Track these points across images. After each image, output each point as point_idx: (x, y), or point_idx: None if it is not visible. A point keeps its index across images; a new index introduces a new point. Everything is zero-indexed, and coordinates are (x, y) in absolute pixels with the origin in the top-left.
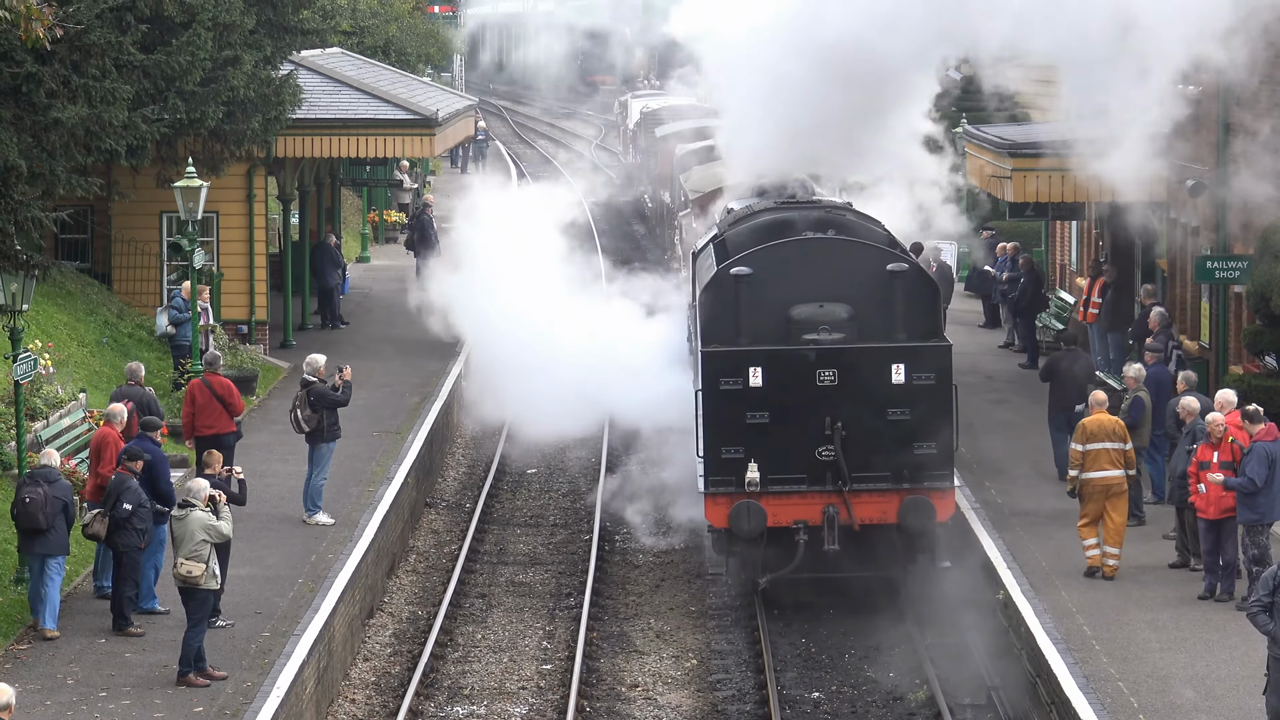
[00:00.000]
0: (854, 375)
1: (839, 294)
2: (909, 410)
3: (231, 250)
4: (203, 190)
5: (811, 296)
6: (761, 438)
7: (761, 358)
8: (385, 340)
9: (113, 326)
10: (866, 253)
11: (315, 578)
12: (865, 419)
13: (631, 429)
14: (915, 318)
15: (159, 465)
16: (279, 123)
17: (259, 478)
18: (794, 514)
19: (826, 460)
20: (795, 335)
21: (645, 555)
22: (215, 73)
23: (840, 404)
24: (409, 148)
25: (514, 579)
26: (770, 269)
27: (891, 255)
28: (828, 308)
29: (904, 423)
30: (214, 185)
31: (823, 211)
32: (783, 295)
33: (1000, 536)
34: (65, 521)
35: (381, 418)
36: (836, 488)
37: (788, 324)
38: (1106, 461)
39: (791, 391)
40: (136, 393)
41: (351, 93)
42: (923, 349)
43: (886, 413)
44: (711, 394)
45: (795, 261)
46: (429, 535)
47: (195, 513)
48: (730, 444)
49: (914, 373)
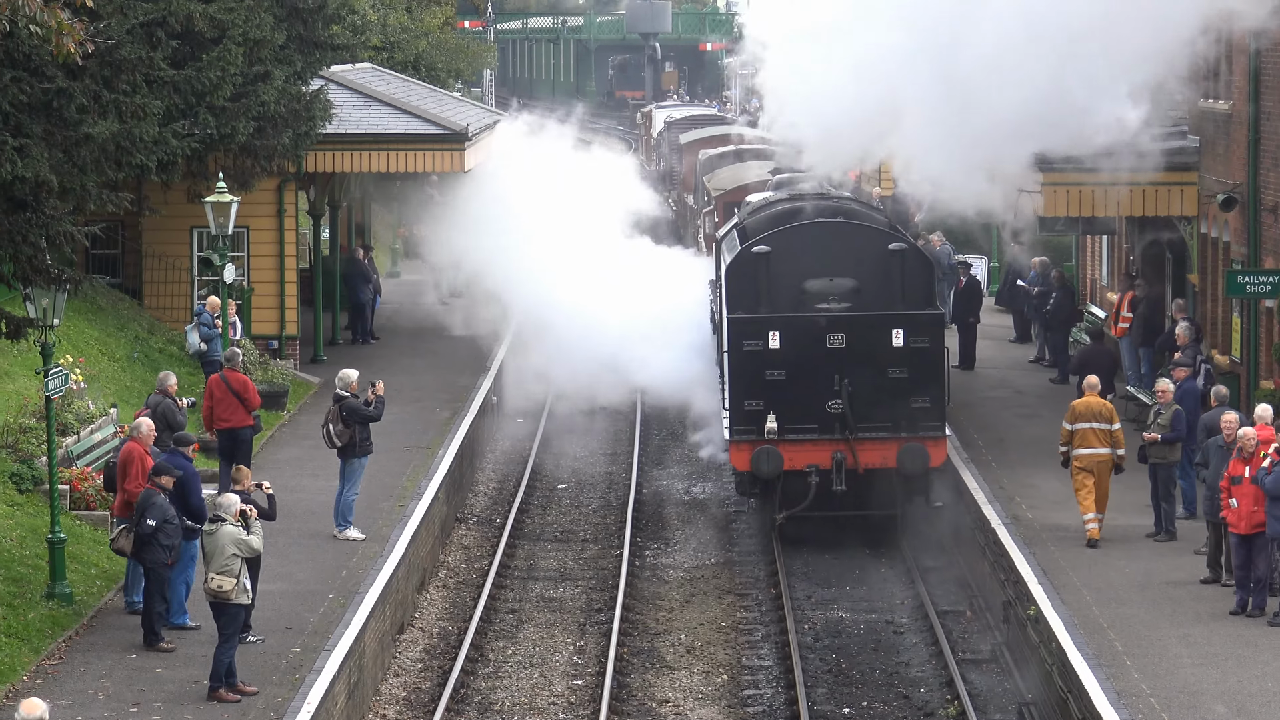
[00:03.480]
0: (859, 339)
1: (846, 269)
2: (906, 369)
3: (262, 265)
4: (233, 205)
5: (823, 272)
6: (779, 392)
7: (779, 323)
8: (416, 355)
9: (143, 341)
10: (870, 234)
11: (346, 593)
12: (868, 377)
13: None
14: (913, 290)
15: (190, 480)
16: (309, 138)
17: (289, 493)
18: (807, 458)
19: (835, 412)
20: (808, 304)
21: (676, 570)
22: (246, 88)
23: (847, 363)
24: (439, 162)
25: (544, 594)
26: (787, 248)
27: (892, 236)
28: (837, 281)
29: (902, 380)
30: (244, 200)
31: (831, 201)
32: (798, 270)
33: (1031, 552)
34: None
35: (412, 432)
36: (843, 436)
37: (802, 295)
38: (1094, 440)
39: (805, 352)
40: (156, 401)
41: (381, 108)
42: (919, 316)
43: (887, 371)
44: (736, 354)
45: (809, 241)
46: (459, 550)
47: (226, 527)
48: (752, 398)
49: (911, 337)
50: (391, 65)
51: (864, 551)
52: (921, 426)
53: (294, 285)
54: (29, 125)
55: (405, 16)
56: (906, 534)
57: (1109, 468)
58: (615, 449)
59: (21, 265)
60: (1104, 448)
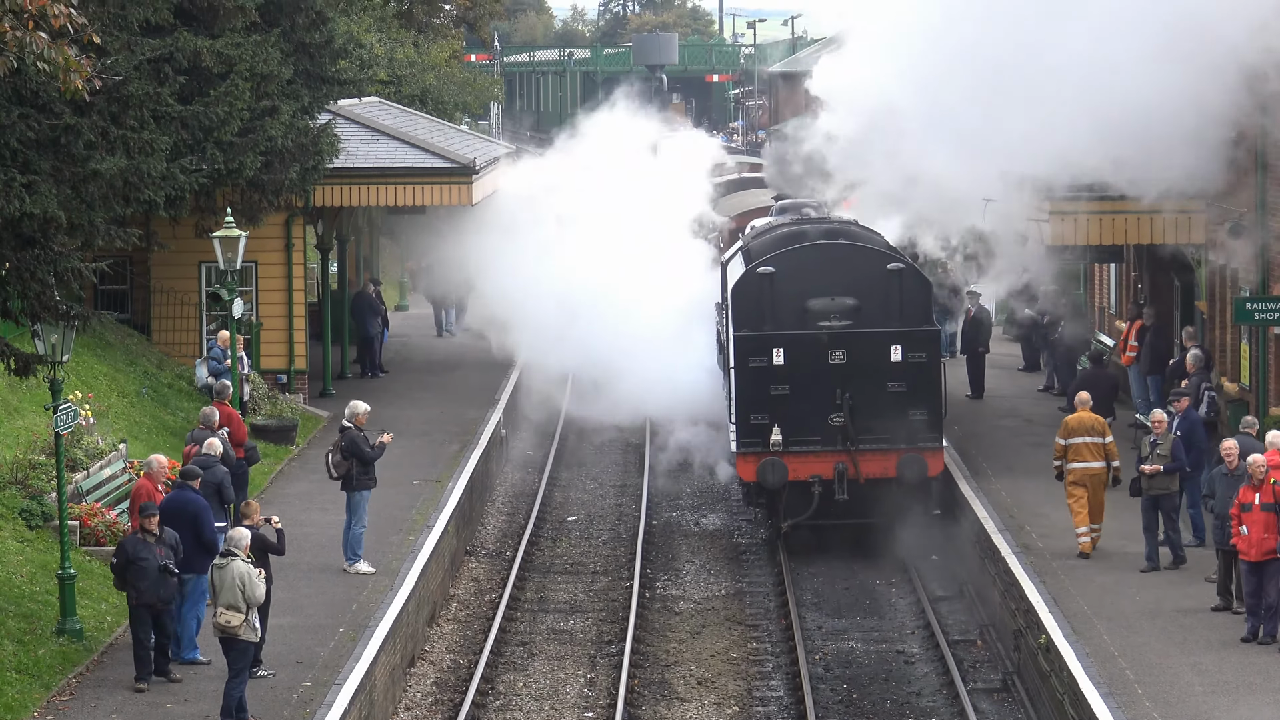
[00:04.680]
0: (860, 354)
1: (847, 289)
2: (905, 383)
3: (270, 300)
4: (241, 240)
5: (825, 291)
6: (783, 406)
7: (783, 340)
8: (424, 388)
9: (152, 377)
10: (870, 255)
11: (356, 627)
12: (869, 390)
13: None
14: (911, 308)
15: (203, 514)
16: (317, 172)
17: (298, 527)
18: (810, 469)
19: (837, 425)
20: (811, 322)
21: (686, 602)
22: (253, 123)
23: (848, 378)
24: (446, 196)
25: (555, 626)
26: (791, 268)
27: (891, 257)
28: (838, 300)
29: (901, 393)
30: (252, 235)
31: (832, 224)
32: (801, 289)
33: (1041, 581)
34: (220, 505)
35: (421, 466)
36: (845, 447)
37: (805, 313)
38: (1088, 453)
39: (808, 368)
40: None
41: (389, 141)
42: (917, 333)
43: (886, 385)
44: (742, 370)
45: (811, 262)
46: (469, 583)
47: (236, 562)
48: (758, 411)
49: (909, 352)
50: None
51: (874, 581)
52: (920, 438)
53: (302, 319)
54: (37, 162)
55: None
56: (916, 565)
57: (1103, 481)
58: (625, 480)
59: (30, 302)
60: (1097, 461)
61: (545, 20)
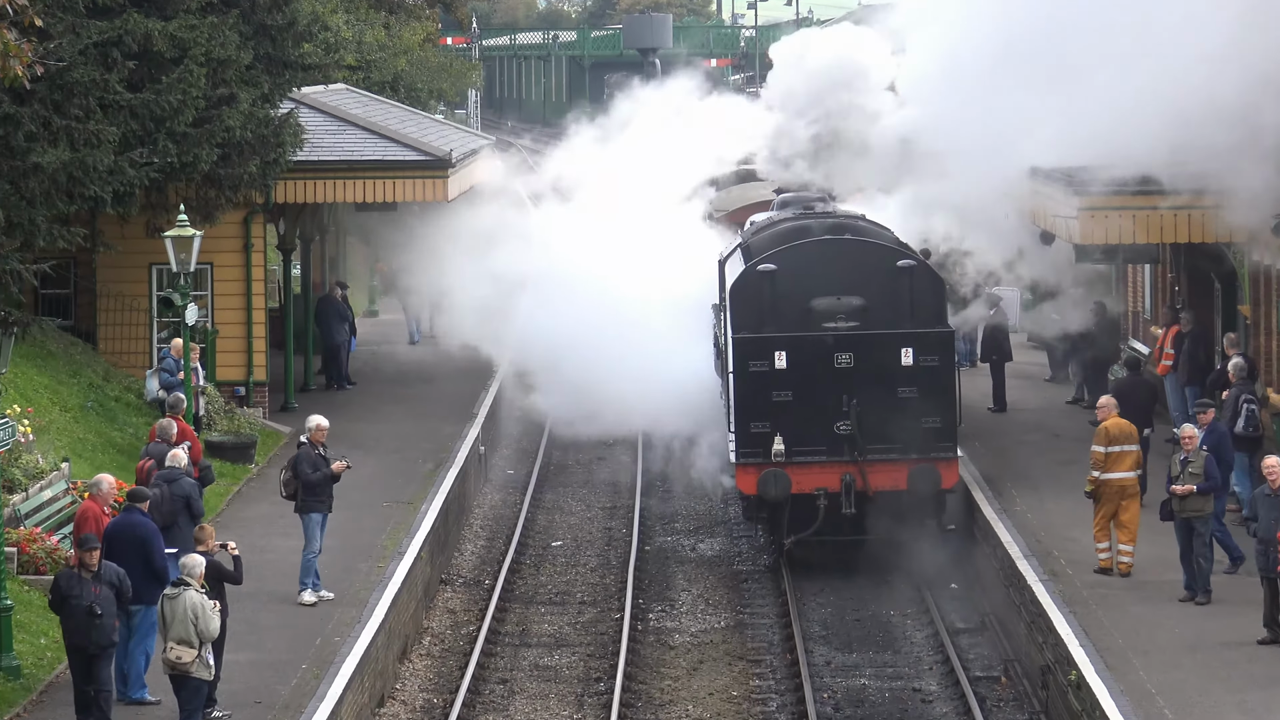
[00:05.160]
0: (868, 358)
1: (854, 287)
2: (916, 389)
3: (227, 305)
4: (196, 240)
5: (830, 290)
6: (786, 413)
7: (785, 343)
8: (395, 401)
9: (98, 390)
10: (878, 251)
11: (321, 663)
12: (878, 396)
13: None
14: (922, 307)
15: (152, 540)
16: (278, 166)
17: (257, 553)
18: (815, 481)
19: (843, 433)
20: (815, 323)
21: (682, 635)
22: (209, 112)
23: (856, 383)
24: (420, 191)
25: (538, 662)
26: (793, 266)
27: (901, 253)
28: (844, 299)
29: (912, 400)
30: (208, 234)
31: (837, 219)
32: (804, 288)
33: (1071, 611)
34: (190, 520)
35: (392, 487)
36: (853, 458)
37: (808, 313)
38: (1128, 463)
39: (812, 372)
40: (161, 451)
41: (357, 132)
42: (929, 334)
43: (897, 391)
44: (742, 375)
45: (815, 259)
46: (445, 615)
47: (189, 593)
48: (758, 419)
49: (921, 355)
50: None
51: (888, 611)
52: (933, 447)
53: (262, 326)
54: None
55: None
56: (933, 593)
57: (1136, 494)
58: (615, 501)
59: None
60: (1134, 471)
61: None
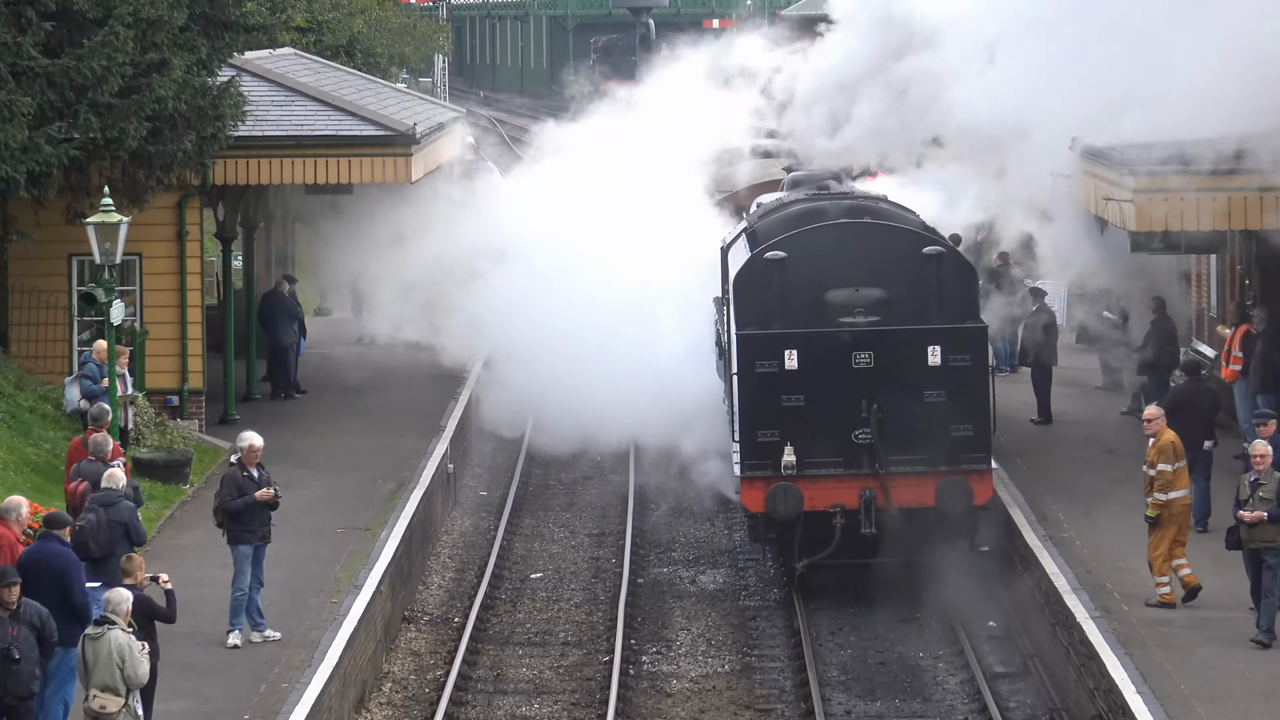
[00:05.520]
0: (890, 357)
1: (874, 277)
2: (945, 392)
3: (159, 302)
4: (122, 227)
5: (847, 280)
6: (797, 420)
7: (797, 340)
8: (352, 412)
9: (10, 399)
10: (902, 236)
11: (265, 713)
12: (901, 401)
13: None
14: (951, 300)
15: (71, 571)
16: (217, 142)
17: (193, 587)
18: (830, 498)
19: (863, 443)
20: (830, 318)
21: (681, 680)
22: (137, 80)
23: (876, 386)
24: (380, 171)
25: (515, 712)
26: (805, 253)
27: (927, 239)
28: (863, 291)
29: (940, 405)
30: (136, 220)
31: (855, 200)
32: (818, 279)
33: (1127, 653)
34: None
35: (348, 510)
36: (873, 471)
37: (823, 307)
38: (1186, 480)
39: (827, 374)
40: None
41: (307, 104)
42: (959, 330)
43: (923, 395)
44: (747, 377)
45: (830, 246)
46: (408, 658)
47: (114, 633)
48: (766, 427)
49: (950, 354)
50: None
51: (917, 653)
52: (964, 458)
53: (199, 327)
54: None
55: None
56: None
57: (1188, 507)
58: (603, 526)
59: None
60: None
61: None
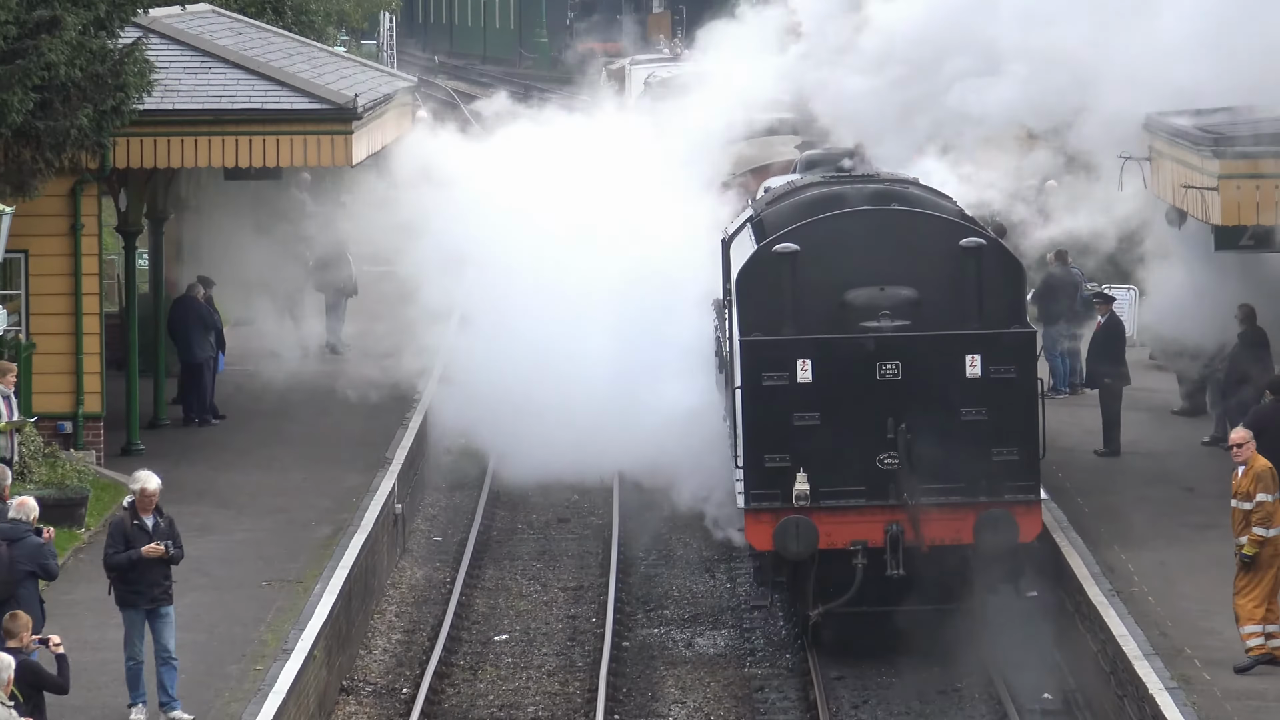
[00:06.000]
0: (921, 368)
1: (903, 274)
2: (986, 409)
3: (49, 309)
4: (4, 219)
5: (870, 278)
6: (812, 442)
7: (811, 348)
8: (280, 441)
9: None
10: (936, 226)
11: None
12: (935, 420)
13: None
14: (993, 301)
15: None
16: (119, 116)
17: (89, 650)
18: (851, 533)
19: (889, 469)
20: (851, 322)
21: None
22: (22, 43)
23: (905, 402)
24: (314, 152)
25: None
26: (821, 246)
27: (965, 229)
28: (889, 290)
29: (980, 424)
30: (21, 211)
31: (881, 184)
32: (836, 276)
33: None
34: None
35: (275, 559)
36: (901, 502)
37: (842, 309)
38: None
39: (847, 388)
40: None
41: (227, 70)
42: (1002, 337)
43: (960, 412)
44: (753, 391)
45: (851, 237)
46: None
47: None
48: (775, 450)
49: (992, 365)
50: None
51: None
52: (1007, 488)
53: (97, 339)
54: None
55: None
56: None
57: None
58: (581, 579)
59: None
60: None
61: None
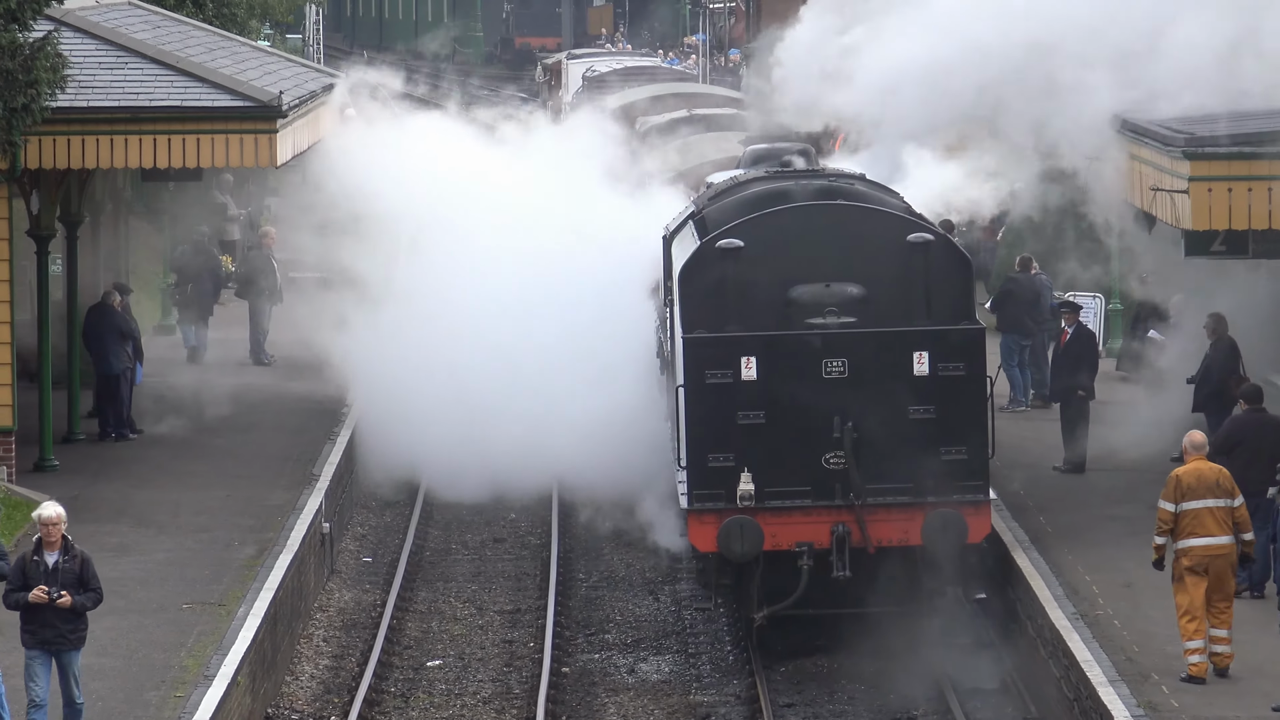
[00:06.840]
0: (868, 366)
1: (849, 271)
2: (934, 407)
3: None
4: None
5: (816, 274)
6: (756, 442)
7: (756, 345)
8: (200, 456)
9: None
10: (882, 221)
11: None
12: (882, 418)
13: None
14: (942, 297)
15: None
16: (29, 114)
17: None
18: (796, 534)
19: (835, 469)
20: (796, 319)
21: None
22: None
23: (851, 401)
24: (235, 152)
25: None
26: (766, 242)
27: (913, 224)
28: (835, 287)
29: (929, 422)
30: None
31: (826, 180)
32: (781, 273)
33: None
34: None
35: (196, 581)
36: (847, 502)
37: (787, 306)
38: (1212, 524)
39: (792, 386)
40: None
41: (145, 66)
42: (950, 334)
43: (907, 410)
44: (696, 390)
45: (796, 233)
46: None
47: None
48: (718, 450)
49: (940, 362)
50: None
51: None
52: (956, 488)
53: (7, 349)
54: None
55: None
56: None
57: (1232, 564)
58: (518, 601)
59: None
60: (1225, 535)
61: None
